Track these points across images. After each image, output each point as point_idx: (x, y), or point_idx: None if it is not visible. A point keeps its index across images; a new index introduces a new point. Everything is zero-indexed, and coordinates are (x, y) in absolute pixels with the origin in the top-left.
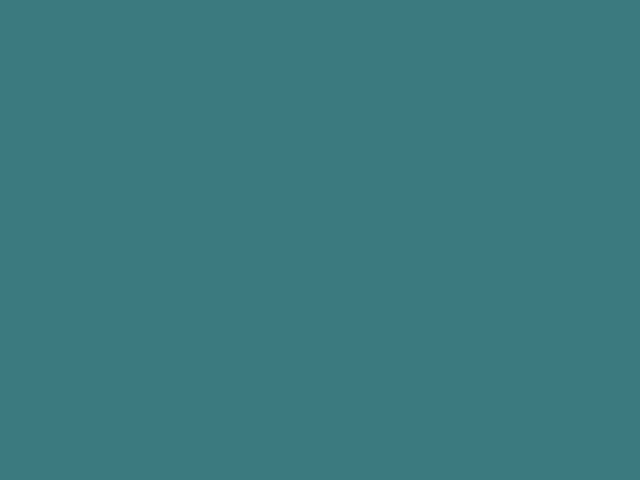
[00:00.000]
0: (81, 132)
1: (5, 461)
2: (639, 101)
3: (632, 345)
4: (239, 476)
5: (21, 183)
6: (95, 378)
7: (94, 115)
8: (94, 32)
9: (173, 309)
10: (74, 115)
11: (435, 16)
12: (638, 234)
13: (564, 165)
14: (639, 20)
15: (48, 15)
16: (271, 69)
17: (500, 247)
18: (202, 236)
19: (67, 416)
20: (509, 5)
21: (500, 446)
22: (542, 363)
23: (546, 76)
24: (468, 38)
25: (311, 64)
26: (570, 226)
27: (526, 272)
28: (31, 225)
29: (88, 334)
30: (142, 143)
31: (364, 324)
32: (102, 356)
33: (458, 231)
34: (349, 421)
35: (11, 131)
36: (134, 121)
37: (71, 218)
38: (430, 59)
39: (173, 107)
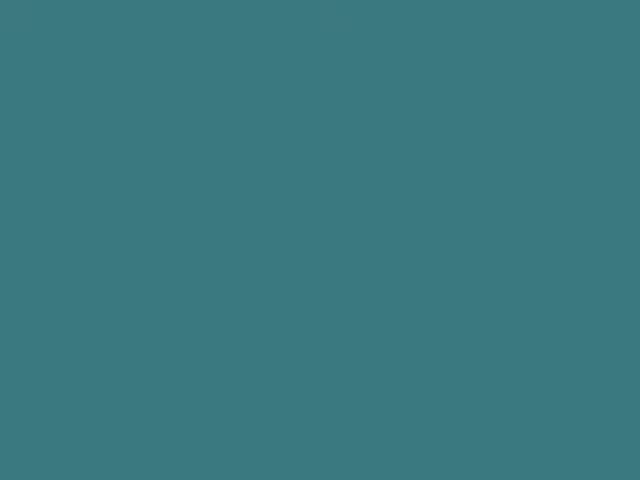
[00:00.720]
0: (81, 132)
1: (5, 461)
2: (639, 101)
3: (632, 345)
4: (239, 476)
5: (21, 183)
6: (95, 378)
7: (94, 115)
8: (94, 32)
9: (173, 309)
10: (74, 115)
11: (435, 16)
12: (638, 234)
13: (564, 165)
14: (639, 20)
15: (48, 15)
16: (271, 69)
17: (500, 247)
18: (202, 235)
19: (67, 416)
20: (509, 5)
21: (500, 446)
22: (542, 363)
23: (546, 76)
24: (468, 38)
25: (311, 64)
26: (570, 226)
27: (526, 272)
28: (31, 225)
29: (88, 334)
30: (142, 143)
31: (364, 324)
32: (102, 356)
33: (458, 231)
34: (349, 421)
35: (11, 131)
36: (134, 121)
37: (71, 218)
38: (430, 59)
39: (173, 107)
